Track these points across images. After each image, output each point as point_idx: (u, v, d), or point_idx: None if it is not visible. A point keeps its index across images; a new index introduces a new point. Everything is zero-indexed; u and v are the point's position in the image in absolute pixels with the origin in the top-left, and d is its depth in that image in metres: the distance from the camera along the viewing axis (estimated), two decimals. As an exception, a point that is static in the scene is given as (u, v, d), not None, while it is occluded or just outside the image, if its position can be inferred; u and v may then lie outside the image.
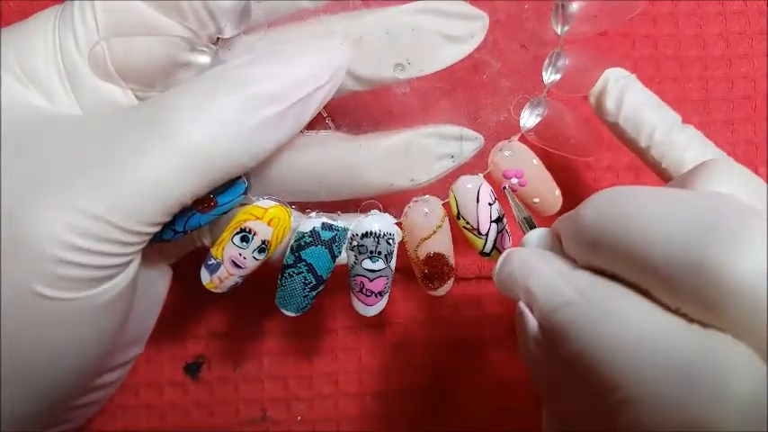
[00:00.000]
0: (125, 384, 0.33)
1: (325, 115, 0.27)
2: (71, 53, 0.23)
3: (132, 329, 0.27)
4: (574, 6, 0.26)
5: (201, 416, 0.33)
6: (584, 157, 0.29)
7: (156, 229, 0.22)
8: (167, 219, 0.22)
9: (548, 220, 0.33)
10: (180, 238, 0.24)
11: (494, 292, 0.34)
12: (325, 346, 0.34)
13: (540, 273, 0.21)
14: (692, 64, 0.35)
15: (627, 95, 0.27)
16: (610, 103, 0.27)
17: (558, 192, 0.29)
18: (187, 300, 0.34)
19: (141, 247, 0.22)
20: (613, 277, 0.19)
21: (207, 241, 0.28)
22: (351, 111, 0.28)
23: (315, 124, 0.26)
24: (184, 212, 0.23)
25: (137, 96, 0.24)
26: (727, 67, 0.35)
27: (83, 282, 0.21)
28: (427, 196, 0.27)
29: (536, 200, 0.28)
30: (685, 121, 0.27)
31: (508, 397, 0.34)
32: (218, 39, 0.24)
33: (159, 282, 0.29)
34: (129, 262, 0.22)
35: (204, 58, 0.23)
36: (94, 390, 0.27)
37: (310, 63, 0.23)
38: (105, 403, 0.33)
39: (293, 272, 0.25)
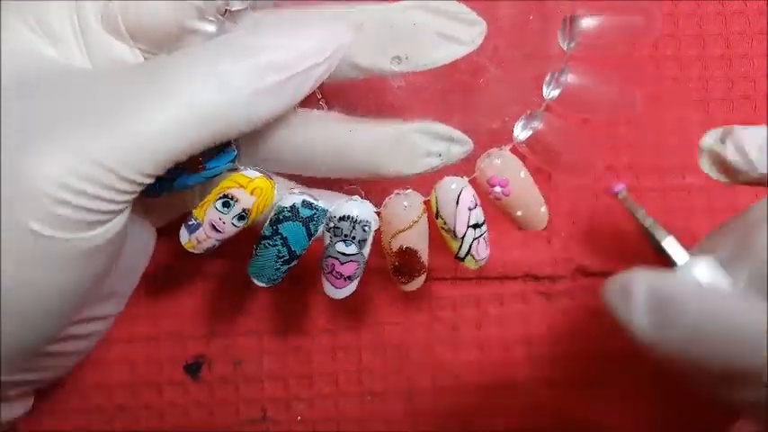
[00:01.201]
0: (124, 384, 0.33)
1: (319, 96, 0.28)
2: (85, 10, 0.24)
3: (115, 282, 0.28)
4: (582, 23, 0.26)
5: (201, 416, 0.33)
6: (573, 178, 0.28)
7: (149, 180, 0.23)
8: (161, 172, 0.23)
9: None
10: (166, 196, 0.25)
11: (494, 292, 0.34)
12: (325, 346, 0.34)
13: None
14: (692, 64, 0.35)
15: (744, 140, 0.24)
16: (755, 155, 0.24)
17: (544, 208, 0.28)
18: (187, 300, 0.34)
19: (133, 196, 0.23)
20: None
21: None
22: (345, 95, 0.28)
23: (308, 104, 0.26)
24: (173, 172, 0.24)
25: (144, 57, 0.25)
26: (727, 67, 0.35)
27: (76, 223, 0.22)
28: (410, 190, 0.27)
29: (519, 213, 0.28)
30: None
31: (508, 397, 0.34)
32: (225, 11, 0.25)
33: (146, 238, 0.31)
34: (121, 210, 0.23)
35: (211, 27, 0.25)
36: (69, 339, 0.28)
37: (314, 37, 0.24)
38: (104, 403, 0.33)
39: (268, 243, 0.26)
